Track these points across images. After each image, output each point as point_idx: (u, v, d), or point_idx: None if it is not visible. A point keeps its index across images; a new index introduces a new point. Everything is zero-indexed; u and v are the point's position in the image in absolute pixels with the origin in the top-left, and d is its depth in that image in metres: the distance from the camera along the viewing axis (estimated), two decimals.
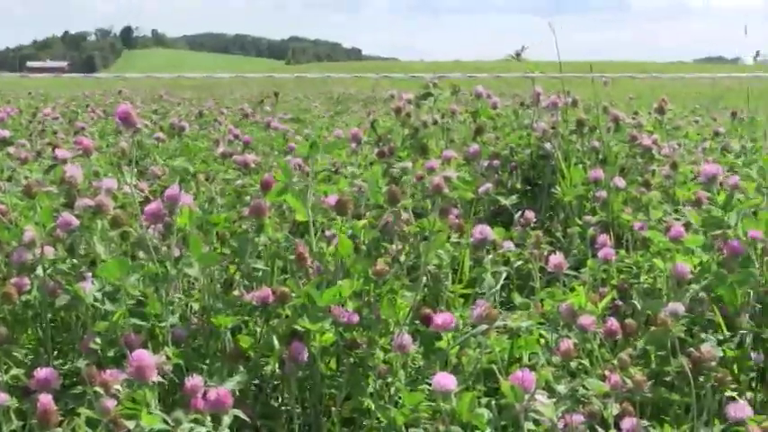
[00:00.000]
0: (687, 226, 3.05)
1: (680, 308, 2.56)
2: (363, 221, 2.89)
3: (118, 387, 2.05)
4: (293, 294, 2.52)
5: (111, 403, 2.01)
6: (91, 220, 2.66)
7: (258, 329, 2.61)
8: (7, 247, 2.73)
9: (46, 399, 2.09)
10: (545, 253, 3.27)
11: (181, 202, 2.69)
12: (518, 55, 4.94)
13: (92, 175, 3.02)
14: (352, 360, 2.56)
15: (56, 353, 2.56)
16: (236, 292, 2.62)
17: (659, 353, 2.66)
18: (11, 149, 4.00)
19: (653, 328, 2.65)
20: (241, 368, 2.45)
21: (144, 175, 3.44)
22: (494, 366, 2.52)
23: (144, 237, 2.68)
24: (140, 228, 2.69)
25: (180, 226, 2.69)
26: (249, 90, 12.20)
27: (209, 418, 2.05)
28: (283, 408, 2.51)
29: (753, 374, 2.57)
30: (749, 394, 2.40)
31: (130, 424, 2.03)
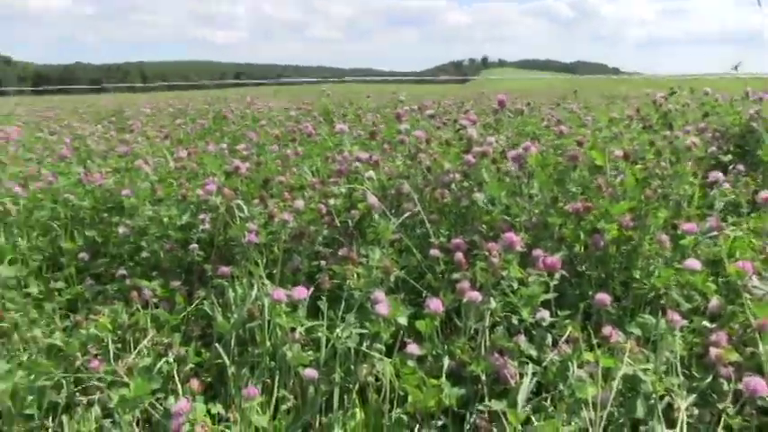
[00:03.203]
0: None
1: None
2: (638, 166, 2.59)
3: (498, 251, 1.98)
4: (594, 207, 2.32)
5: (494, 260, 1.95)
6: (481, 161, 2.58)
7: (573, 227, 2.40)
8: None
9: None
10: (751, 191, 2.77)
11: (530, 150, 2.54)
12: (736, 68, 4.21)
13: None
14: (628, 247, 2.32)
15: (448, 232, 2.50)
16: (560, 204, 2.43)
17: None
18: (345, 128, 3.49)
19: None
20: (563, 248, 2.31)
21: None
22: (721, 256, 2.17)
23: (510, 171, 2.57)
24: (507, 165, 2.58)
25: (529, 164, 2.55)
26: (555, 91, 11.63)
27: (546, 273, 1.96)
28: (586, 272, 2.32)
29: None
30: None
31: (504, 273, 1.96)
